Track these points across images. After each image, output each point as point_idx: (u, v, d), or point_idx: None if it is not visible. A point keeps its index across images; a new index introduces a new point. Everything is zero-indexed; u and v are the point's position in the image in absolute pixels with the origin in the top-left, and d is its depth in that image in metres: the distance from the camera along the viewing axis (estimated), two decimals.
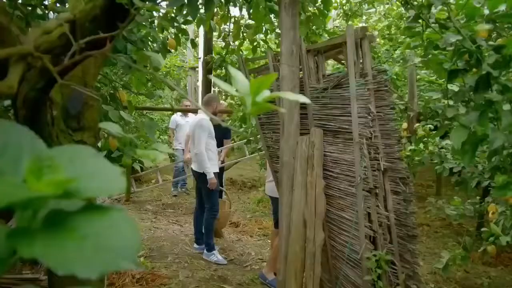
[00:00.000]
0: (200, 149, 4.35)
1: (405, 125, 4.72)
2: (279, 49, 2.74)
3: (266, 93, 0.67)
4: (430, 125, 4.45)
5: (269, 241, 5.18)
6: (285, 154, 2.59)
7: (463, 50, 2.18)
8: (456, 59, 2.18)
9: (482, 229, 4.37)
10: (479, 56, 2.13)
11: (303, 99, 0.76)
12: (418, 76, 4.57)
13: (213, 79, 0.74)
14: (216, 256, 4.47)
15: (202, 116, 4.49)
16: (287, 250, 2.57)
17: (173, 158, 7.51)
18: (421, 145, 3.98)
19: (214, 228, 4.74)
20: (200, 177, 4.48)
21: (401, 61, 5.31)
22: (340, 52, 2.77)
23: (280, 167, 2.64)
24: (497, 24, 2.36)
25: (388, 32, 6.05)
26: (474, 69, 2.18)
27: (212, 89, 5.87)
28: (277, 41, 4.56)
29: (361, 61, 2.46)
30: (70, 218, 0.44)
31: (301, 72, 2.76)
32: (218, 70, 4.83)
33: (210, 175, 4.34)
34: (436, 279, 4.35)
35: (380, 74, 2.40)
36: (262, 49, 4.86)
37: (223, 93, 6.47)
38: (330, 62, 6.44)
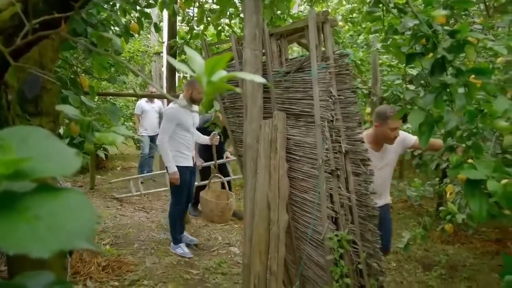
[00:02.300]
0: (161, 140, 4.10)
1: (368, 109, 4.82)
2: (243, 34, 2.74)
3: (222, 73, 0.67)
4: None
5: (236, 226, 5.22)
6: (248, 138, 2.60)
7: (420, 34, 2.23)
8: (414, 43, 2.23)
9: (441, 209, 4.52)
10: (435, 41, 2.19)
11: (259, 79, 0.77)
12: (380, 61, 4.66)
13: (170, 60, 0.74)
14: (182, 249, 4.39)
15: (172, 105, 4.21)
16: (252, 232, 2.60)
17: (138, 144, 7.39)
18: None
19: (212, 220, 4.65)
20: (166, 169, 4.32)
21: (364, 46, 5.40)
22: (302, 36, 2.78)
23: (244, 150, 2.66)
24: (454, 10, 2.43)
25: (350, 16, 6.11)
26: (430, 53, 2.24)
27: (177, 74, 5.79)
28: (241, 26, 4.53)
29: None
30: (23, 199, 0.43)
31: (264, 56, 2.77)
32: (182, 55, 4.76)
33: (171, 169, 4.10)
34: (398, 258, 4.51)
35: (342, 58, 2.43)
36: (227, 34, 4.83)
37: (188, 78, 6.40)
38: (296, 48, 6.47)
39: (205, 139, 4.59)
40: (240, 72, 2.47)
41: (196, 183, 4.86)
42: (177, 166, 4.14)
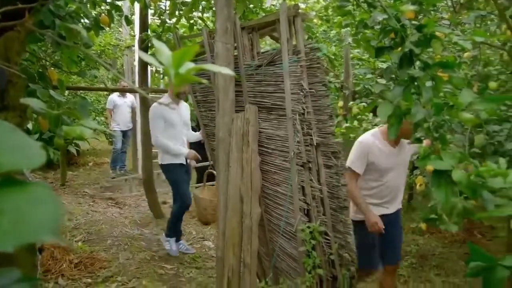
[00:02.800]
0: (155, 140, 3.97)
1: (341, 103, 4.88)
2: (215, 27, 2.73)
3: (189, 65, 0.67)
4: (364, 103, 4.63)
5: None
6: (221, 131, 2.60)
7: (389, 28, 2.27)
8: (383, 37, 2.27)
9: (411, 201, 4.65)
10: (403, 35, 2.23)
11: (228, 71, 0.78)
12: (351, 55, 4.72)
13: (140, 53, 0.73)
14: (170, 244, 4.25)
15: (156, 102, 4.00)
16: (225, 226, 2.61)
17: (110, 139, 7.28)
18: (356, 122, 4.15)
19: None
20: (161, 168, 4.19)
21: (337, 41, 5.45)
22: (274, 29, 2.79)
23: (216, 144, 2.66)
24: (423, 6, 2.48)
25: (325, 13, 6.17)
26: (399, 47, 2.28)
27: (150, 68, 5.72)
28: (214, 19, 4.51)
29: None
30: None
31: (236, 49, 2.76)
32: (154, 48, 4.70)
33: (184, 152, 4.00)
34: None
35: (313, 52, 2.46)
36: (199, 27, 4.80)
37: (160, 72, 6.33)
38: (269, 42, 6.48)
39: (195, 135, 4.31)
40: (209, 64, 2.46)
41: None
42: (169, 164, 4.02)
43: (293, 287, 2.44)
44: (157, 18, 5.17)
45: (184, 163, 4.13)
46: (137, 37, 5.59)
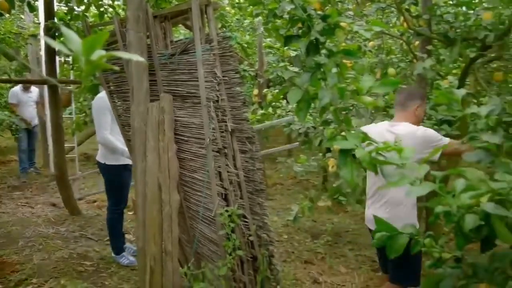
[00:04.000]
0: (102, 137, 3.53)
1: (255, 91, 5.00)
2: (126, 15, 2.67)
3: (100, 52, 0.68)
4: (278, 91, 4.79)
5: (130, 213, 5.11)
6: (136, 121, 2.58)
7: (296, 18, 2.39)
8: (290, 26, 2.38)
9: (325, 183, 4.89)
10: (309, 24, 2.36)
11: (139, 58, 0.80)
12: (264, 44, 4.86)
13: (48, 40, 0.73)
14: (127, 258, 3.88)
15: (101, 94, 3.57)
16: (145, 215, 2.61)
17: (16, 135, 6.80)
18: (270, 109, 4.28)
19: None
20: (101, 168, 3.80)
21: (250, 29, 5.57)
22: (187, 18, 2.81)
23: (132, 134, 2.63)
24: None
25: (238, 2, 6.25)
26: (306, 36, 2.41)
27: (58, 58, 5.43)
28: (125, 7, 4.40)
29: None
30: None
31: (149, 38, 2.74)
32: (61, 38, 4.47)
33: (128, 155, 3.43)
34: (289, 230, 4.80)
35: (225, 40, 2.51)
36: (110, 15, 4.64)
37: (70, 63, 6.03)
38: (183, 31, 6.43)
39: None
40: (121, 52, 2.43)
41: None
42: (113, 166, 3.66)
43: (215, 270, 2.51)
44: (64, 5, 4.92)
45: (130, 163, 3.63)
46: (42, 25, 5.27)
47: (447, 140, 2.44)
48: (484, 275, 1.60)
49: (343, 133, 2.28)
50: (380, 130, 2.54)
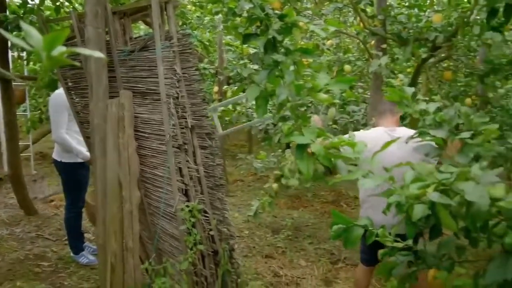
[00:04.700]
0: (58, 136, 3.45)
1: (216, 88, 5.04)
2: (84, 10, 2.65)
3: (61, 48, 0.70)
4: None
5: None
6: (95, 118, 2.56)
7: (255, 17, 2.44)
8: (249, 24, 2.44)
9: (275, 172, 4.94)
10: (267, 23, 2.42)
11: (98, 54, 0.83)
12: (224, 41, 4.90)
13: (4, 33, 0.74)
14: (86, 257, 3.82)
15: (58, 91, 3.46)
16: (105, 212, 2.60)
17: None
18: (230, 106, 4.33)
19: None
20: (58, 166, 3.71)
21: (211, 27, 5.59)
22: (146, 15, 2.81)
23: (91, 131, 2.61)
24: None
25: (199, 0, 6.26)
26: (264, 34, 2.47)
27: (10, 53, 5.25)
28: (82, 2, 4.31)
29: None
30: None
31: (108, 34, 2.73)
32: (14, 32, 4.34)
33: (85, 156, 3.44)
34: (250, 226, 4.87)
35: (185, 37, 2.54)
36: (67, 10, 4.54)
37: (24, 58, 5.84)
38: (144, 27, 6.37)
39: None
40: (81, 48, 2.41)
41: None
42: (69, 163, 3.58)
43: (176, 265, 2.54)
44: None
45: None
46: None
47: None
48: (433, 261, 1.72)
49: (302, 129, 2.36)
50: (378, 135, 2.53)
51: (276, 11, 2.52)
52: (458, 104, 1.91)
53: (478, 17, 3.59)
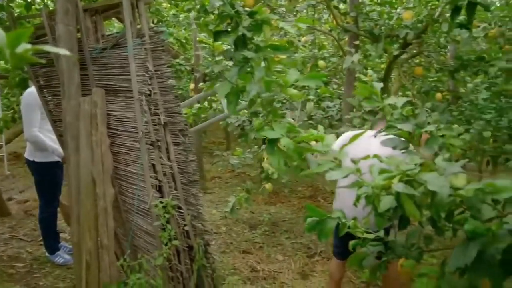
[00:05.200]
0: (30, 134, 3.39)
1: (192, 85, 5.04)
2: (55, 8, 2.63)
3: (26, 46, 0.71)
4: None
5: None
6: (68, 116, 2.56)
7: (225, 14, 2.47)
8: (220, 22, 2.47)
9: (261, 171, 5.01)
10: (237, 20, 2.46)
11: (67, 52, 0.85)
12: (198, 38, 4.91)
13: None
14: (62, 256, 3.78)
15: (30, 89, 3.40)
16: (79, 210, 2.60)
17: None
18: (206, 103, 4.35)
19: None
20: (30, 165, 3.65)
21: (186, 24, 5.59)
22: (118, 12, 2.81)
23: (64, 129, 2.61)
24: None
25: None
26: (234, 31, 2.51)
27: None
28: None
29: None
30: None
31: (79, 32, 2.72)
32: None
33: (60, 153, 3.35)
34: (227, 222, 4.91)
35: (157, 35, 2.55)
36: (38, 7, 4.48)
37: None
38: (118, 25, 6.31)
39: None
40: (49, 46, 2.41)
41: None
42: (42, 163, 3.53)
43: (152, 261, 2.56)
44: None
45: (60, 159, 3.59)
46: None
47: None
48: (402, 251, 1.78)
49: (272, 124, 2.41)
50: (364, 136, 2.53)
51: (247, 8, 2.56)
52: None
53: (447, 14, 3.69)
